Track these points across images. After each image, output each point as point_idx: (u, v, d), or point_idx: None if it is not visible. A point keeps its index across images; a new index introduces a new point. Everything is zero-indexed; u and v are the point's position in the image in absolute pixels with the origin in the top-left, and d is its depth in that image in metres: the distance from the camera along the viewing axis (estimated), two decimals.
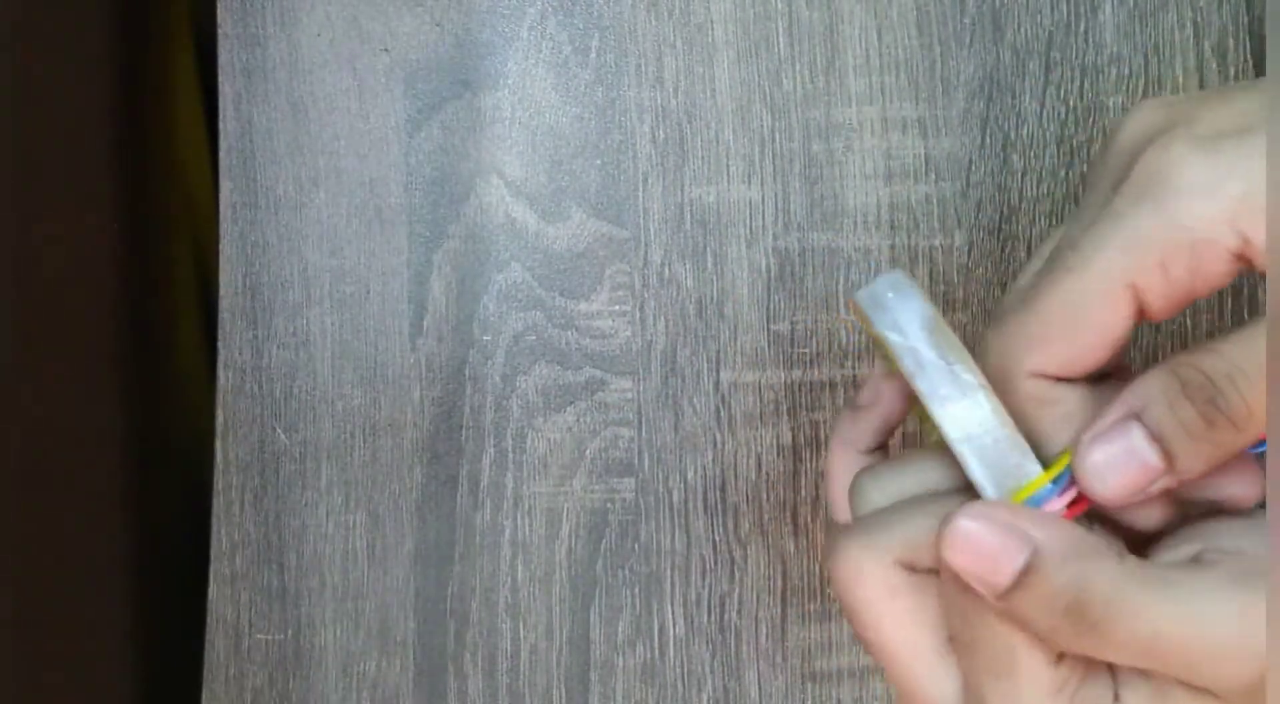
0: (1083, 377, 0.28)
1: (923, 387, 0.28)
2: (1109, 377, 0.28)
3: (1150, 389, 0.26)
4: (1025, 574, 0.25)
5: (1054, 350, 0.27)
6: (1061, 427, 0.27)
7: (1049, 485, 0.27)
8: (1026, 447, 0.27)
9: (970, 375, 0.28)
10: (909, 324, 0.28)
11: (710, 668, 0.45)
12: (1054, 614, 0.25)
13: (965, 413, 0.27)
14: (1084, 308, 0.26)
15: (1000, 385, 0.27)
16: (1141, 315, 0.27)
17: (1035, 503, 0.27)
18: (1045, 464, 0.28)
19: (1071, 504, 0.27)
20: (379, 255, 0.46)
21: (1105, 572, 0.25)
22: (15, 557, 0.40)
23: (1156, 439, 0.26)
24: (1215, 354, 0.26)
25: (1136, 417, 0.26)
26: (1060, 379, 0.27)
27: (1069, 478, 0.27)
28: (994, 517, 0.26)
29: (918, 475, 0.29)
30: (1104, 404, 0.27)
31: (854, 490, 0.30)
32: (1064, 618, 0.25)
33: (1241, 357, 0.25)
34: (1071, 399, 0.27)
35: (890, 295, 0.28)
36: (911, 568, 0.28)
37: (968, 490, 0.28)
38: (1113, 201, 0.26)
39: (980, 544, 0.26)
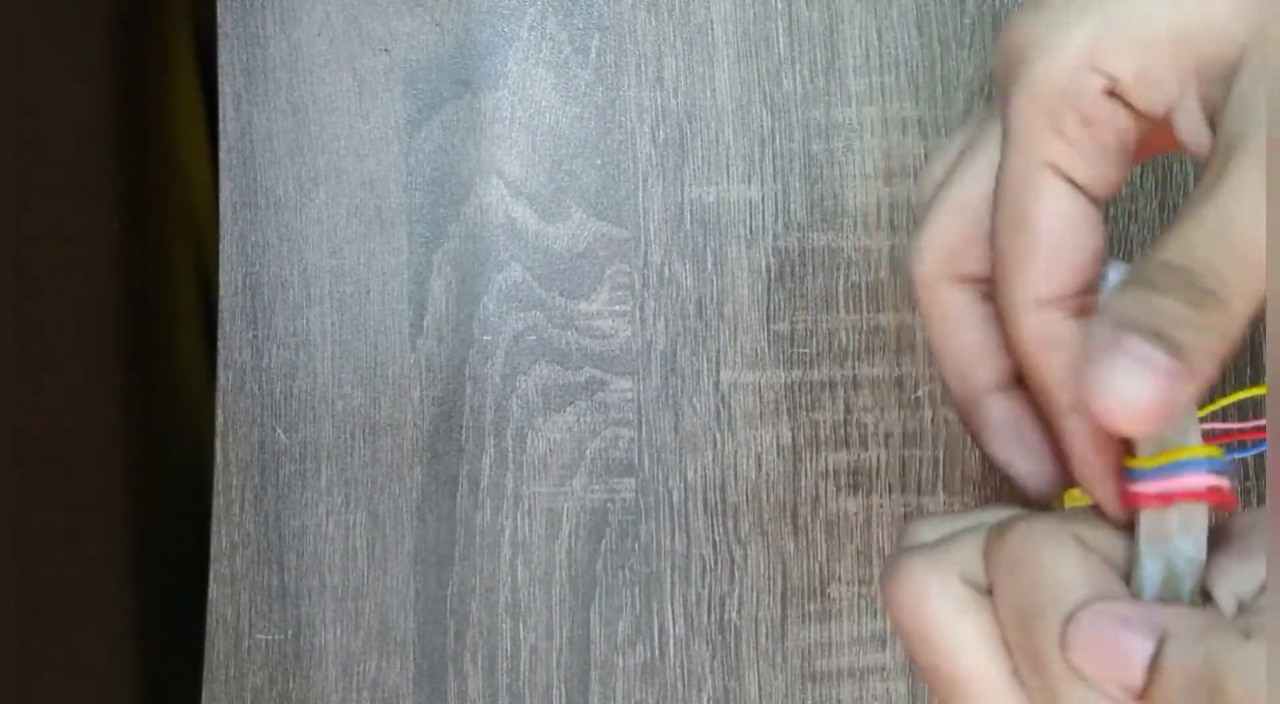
0: (1073, 297, 0.26)
1: None
2: None
3: (1125, 300, 0.24)
4: (1158, 664, 0.24)
5: (1044, 266, 0.26)
6: (1065, 378, 0.26)
7: (1203, 458, 0.25)
8: (1194, 411, 0.26)
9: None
10: None
11: (710, 668, 0.45)
12: (1195, 698, 0.23)
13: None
14: (1026, 200, 0.26)
15: (1026, 326, 0.26)
16: (1089, 196, 0.26)
17: (1183, 468, 0.25)
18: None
19: (1208, 492, 0.25)
20: (379, 255, 0.46)
21: (1236, 647, 0.23)
22: (15, 557, 0.40)
23: (1156, 336, 0.24)
24: (1173, 241, 0.24)
25: (1124, 326, 0.24)
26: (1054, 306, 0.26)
27: (1223, 467, 0.25)
28: (1114, 611, 0.24)
29: (973, 519, 0.28)
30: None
31: (905, 533, 0.29)
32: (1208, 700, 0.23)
33: (1187, 231, 0.24)
34: (1076, 339, 0.26)
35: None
36: (977, 586, 0.26)
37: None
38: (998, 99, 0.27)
39: (1106, 644, 0.24)
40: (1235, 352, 0.25)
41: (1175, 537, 0.25)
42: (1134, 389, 0.23)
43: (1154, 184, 0.45)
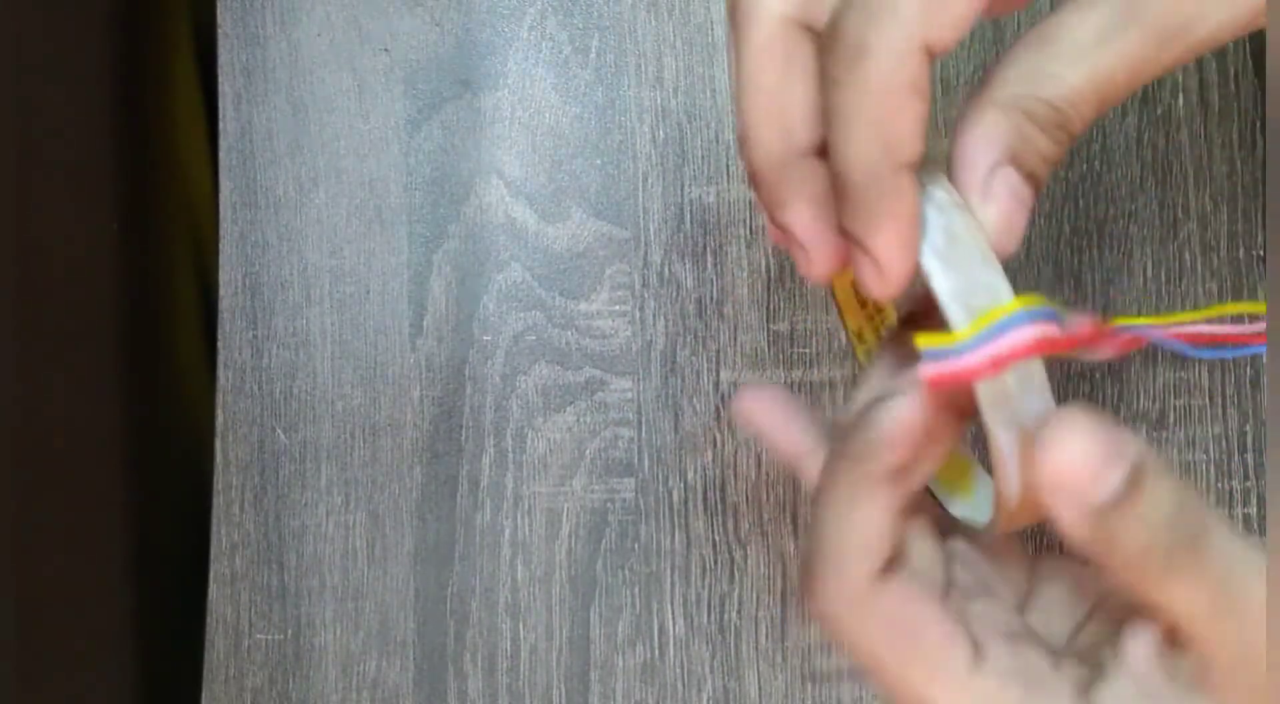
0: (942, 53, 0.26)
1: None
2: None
3: (1007, 132, 0.26)
4: (1129, 487, 0.22)
5: (951, 11, 0.25)
6: (922, 133, 0.25)
7: (1021, 311, 0.24)
8: (999, 269, 0.25)
9: (946, 194, 0.26)
10: None
11: (710, 668, 0.45)
12: (1151, 541, 0.23)
13: (937, 228, 0.25)
14: None
15: (885, 69, 0.25)
16: None
17: (1005, 326, 0.24)
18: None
19: (1042, 340, 0.24)
20: (379, 255, 0.46)
21: (1198, 498, 0.23)
22: (15, 557, 0.40)
23: (1028, 177, 0.26)
24: (1051, 81, 0.25)
25: (1005, 163, 0.26)
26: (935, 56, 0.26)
27: (1046, 316, 0.25)
28: (1093, 424, 0.23)
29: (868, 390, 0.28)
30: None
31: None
32: (1161, 548, 0.23)
33: (1072, 76, 0.25)
34: (927, 89, 0.25)
35: None
36: (884, 573, 0.26)
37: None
38: None
39: (1082, 454, 0.22)
40: None
41: (1017, 400, 0.24)
42: (1015, 221, 0.26)
43: (1154, 184, 0.45)
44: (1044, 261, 0.45)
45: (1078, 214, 0.45)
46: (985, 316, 0.24)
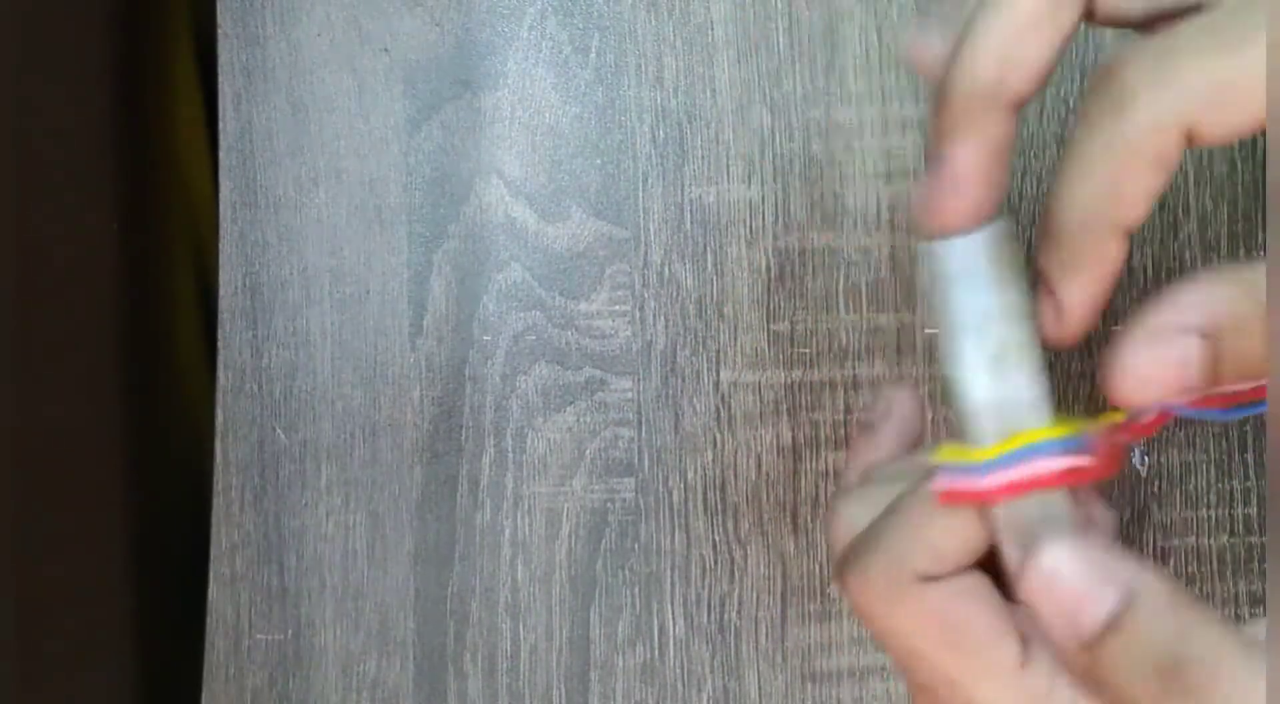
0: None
1: (957, 296, 0.25)
2: None
3: (1219, 303, 0.23)
4: (1120, 621, 0.22)
5: (1234, 110, 0.23)
6: (1149, 202, 0.24)
7: (1052, 440, 0.23)
8: (1045, 390, 0.24)
9: (1018, 294, 0.24)
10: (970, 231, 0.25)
11: (710, 668, 0.45)
12: (1144, 671, 0.22)
13: (991, 333, 0.24)
14: None
15: (1138, 132, 0.23)
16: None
17: (1031, 453, 0.23)
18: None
19: (1067, 471, 0.24)
20: (379, 255, 0.46)
21: (1210, 632, 0.22)
22: (15, 557, 0.40)
23: (1209, 361, 0.23)
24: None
25: (1198, 333, 0.23)
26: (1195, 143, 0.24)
27: (1078, 446, 0.24)
28: (1088, 551, 0.23)
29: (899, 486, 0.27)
30: None
31: (833, 517, 0.27)
32: (1155, 678, 0.22)
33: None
34: (1174, 166, 0.24)
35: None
36: (938, 577, 0.25)
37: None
38: None
39: (1070, 582, 0.22)
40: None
41: (1035, 524, 0.24)
42: (1159, 380, 0.23)
43: None
44: None
45: None
46: (1016, 438, 0.24)
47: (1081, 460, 0.24)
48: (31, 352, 0.41)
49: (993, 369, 0.24)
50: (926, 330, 0.27)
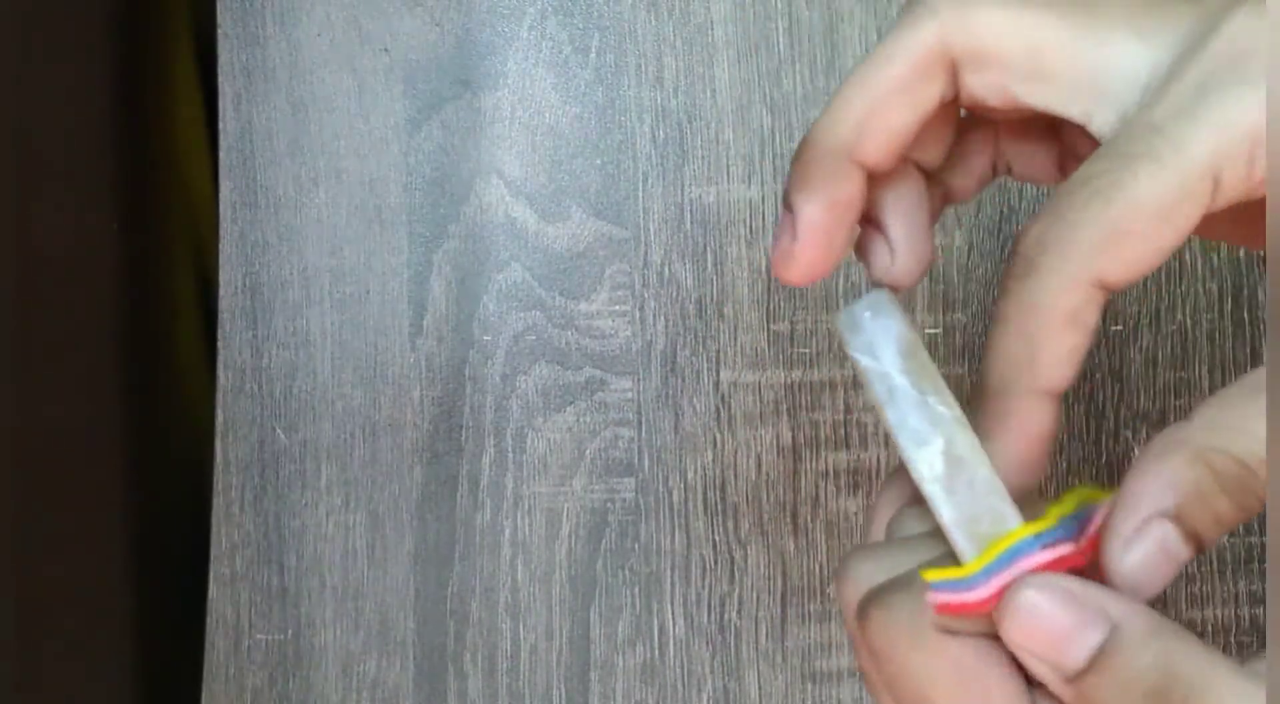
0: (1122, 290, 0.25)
1: (892, 418, 0.25)
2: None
3: (1182, 482, 0.23)
4: (1104, 654, 0.22)
5: (1131, 253, 0.23)
6: (1069, 362, 0.24)
7: (1029, 538, 0.24)
8: (1004, 491, 0.25)
9: (946, 408, 0.25)
10: (883, 348, 0.26)
11: (710, 668, 0.45)
12: (1134, 700, 0.22)
13: (936, 450, 0.25)
14: (1173, 205, 0.23)
15: (1048, 291, 0.24)
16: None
17: (1013, 556, 0.24)
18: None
19: (1052, 562, 0.24)
20: (379, 255, 0.46)
21: (1194, 656, 0.22)
22: (15, 557, 0.40)
23: (1190, 537, 0.23)
24: (1244, 434, 0.23)
25: (1169, 517, 0.23)
26: (1109, 292, 0.24)
27: (1057, 535, 0.24)
28: (1065, 587, 0.23)
29: (916, 553, 0.26)
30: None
31: (843, 574, 0.27)
32: (1150, 701, 0.22)
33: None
34: (1092, 323, 0.24)
35: (867, 316, 0.26)
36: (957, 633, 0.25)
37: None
38: (1199, 63, 0.24)
39: (1050, 620, 0.23)
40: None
41: None
42: (1153, 574, 0.23)
43: None
44: None
45: None
46: (992, 546, 0.24)
47: (1063, 550, 0.24)
48: (31, 352, 0.41)
49: (948, 487, 0.25)
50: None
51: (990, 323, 0.25)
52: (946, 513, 0.25)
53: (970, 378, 0.45)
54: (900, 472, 0.28)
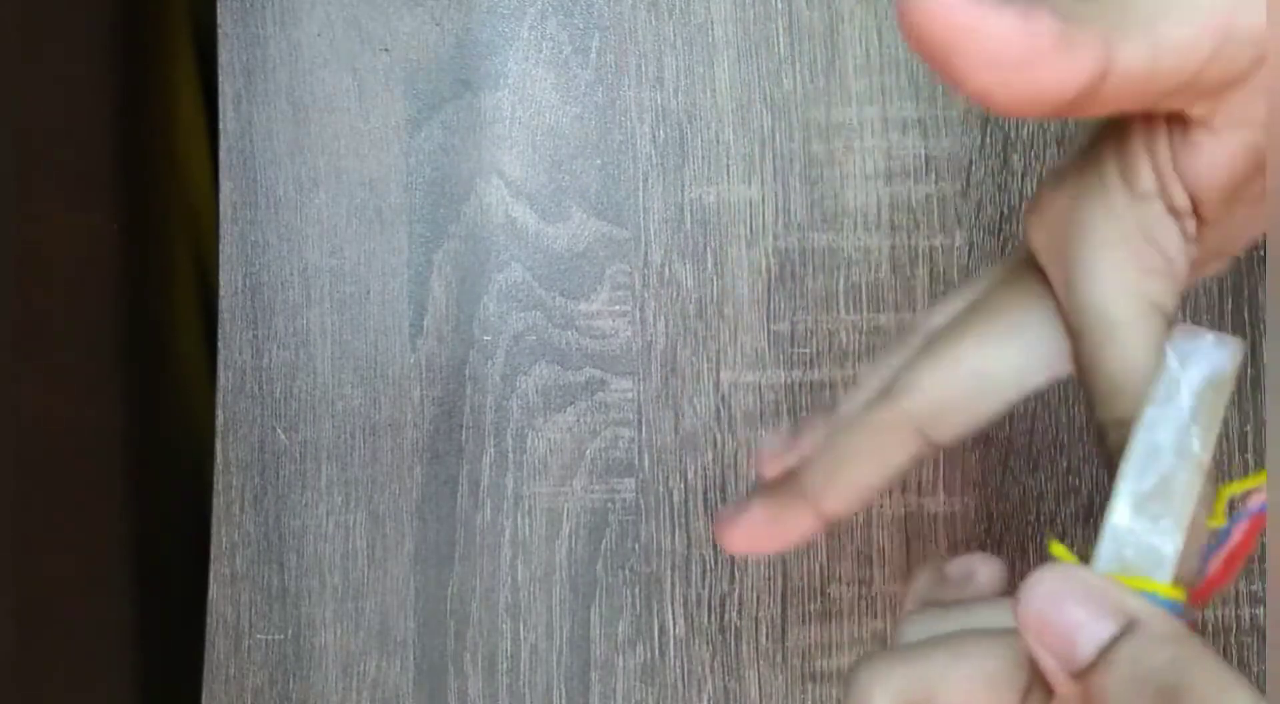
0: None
1: (1148, 416, 0.24)
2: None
3: None
4: (1117, 650, 0.22)
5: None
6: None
7: (1160, 598, 0.23)
8: (1178, 548, 0.24)
9: (1200, 445, 0.24)
10: (1199, 365, 0.25)
11: (710, 668, 0.45)
12: (1142, 700, 0.22)
13: (1156, 472, 0.24)
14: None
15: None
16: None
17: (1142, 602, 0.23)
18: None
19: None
20: (379, 255, 0.46)
21: (1210, 663, 0.22)
22: (15, 557, 0.40)
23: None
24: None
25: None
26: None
27: (1174, 609, 0.23)
28: (1083, 580, 0.23)
29: (966, 618, 0.27)
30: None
31: (897, 636, 0.28)
32: (1153, 700, 0.22)
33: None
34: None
35: (1211, 338, 0.25)
36: None
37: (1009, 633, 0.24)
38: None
39: (1068, 607, 0.23)
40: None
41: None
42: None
43: None
44: None
45: None
46: (1123, 579, 0.23)
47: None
48: (32, 352, 0.41)
49: (1141, 505, 0.24)
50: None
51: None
52: (1118, 519, 0.24)
53: None
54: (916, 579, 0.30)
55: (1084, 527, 0.45)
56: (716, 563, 0.45)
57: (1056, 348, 0.28)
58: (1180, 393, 0.24)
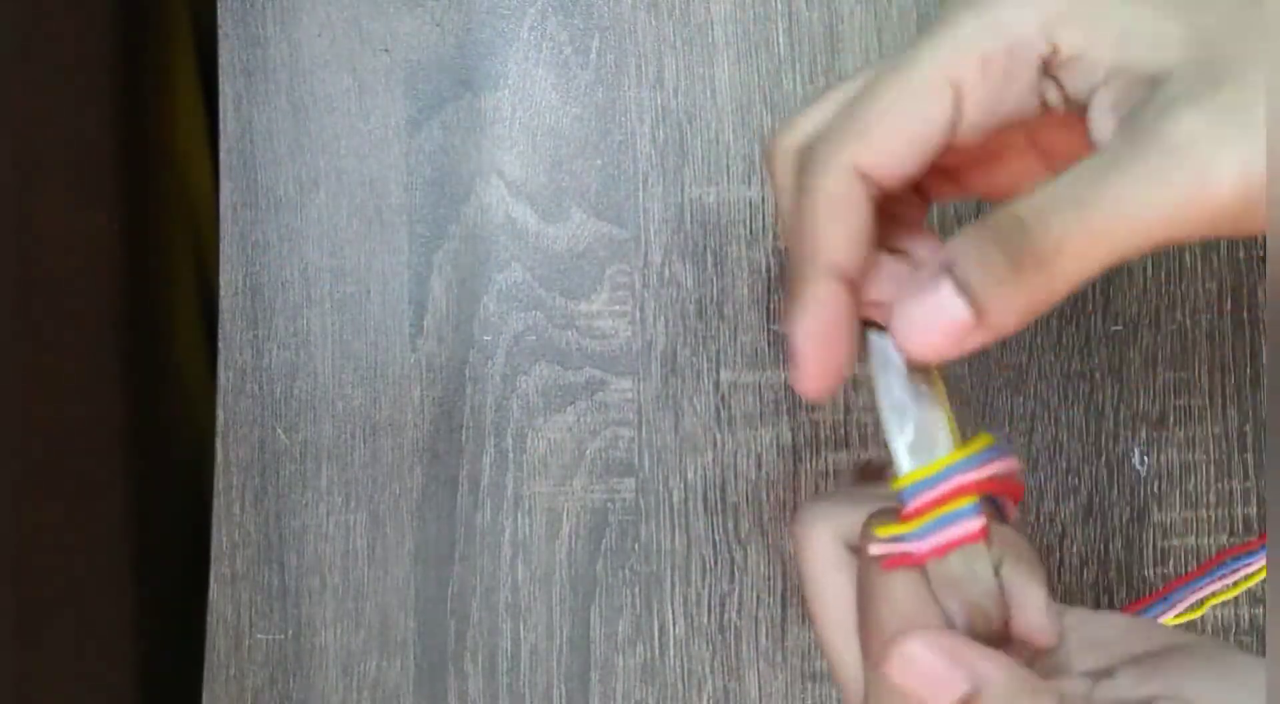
0: (895, 184, 0.28)
1: (876, 358, 0.29)
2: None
3: (962, 239, 0.25)
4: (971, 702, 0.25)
5: (877, 142, 0.27)
6: (847, 240, 0.27)
7: (959, 461, 0.28)
8: (948, 427, 0.28)
9: (924, 380, 0.29)
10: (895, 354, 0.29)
11: (710, 668, 0.45)
12: None
13: (899, 381, 0.29)
14: (910, 100, 0.27)
15: (819, 183, 0.28)
16: (955, 126, 0.27)
17: (951, 519, 0.28)
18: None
19: (979, 482, 0.28)
20: (379, 255, 0.46)
21: None
22: (16, 557, 0.40)
23: (963, 288, 0.25)
24: (1026, 196, 0.25)
25: (948, 269, 0.25)
26: (876, 186, 0.28)
27: (980, 460, 0.28)
28: (941, 644, 0.26)
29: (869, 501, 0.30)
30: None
31: (801, 518, 0.31)
32: None
33: (1051, 191, 0.25)
34: (865, 217, 0.27)
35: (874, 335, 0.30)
36: (853, 549, 0.29)
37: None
38: (940, 14, 0.28)
39: (926, 669, 0.26)
40: (1049, 314, 0.26)
41: (964, 581, 0.28)
42: (930, 331, 0.25)
43: None
44: None
45: None
46: (930, 466, 0.28)
47: (980, 520, 0.28)
48: (32, 351, 0.41)
49: (914, 449, 0.29)
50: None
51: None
52: (897, 435, 0.29)
53: (969, 377, 0.45)
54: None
55: (1084, 526, 0.45)
56: (716, 563, 0.45)
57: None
58: (890, 357, 0.29)
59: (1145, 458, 0.45)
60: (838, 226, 0.27)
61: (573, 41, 0.46)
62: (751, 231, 0.45)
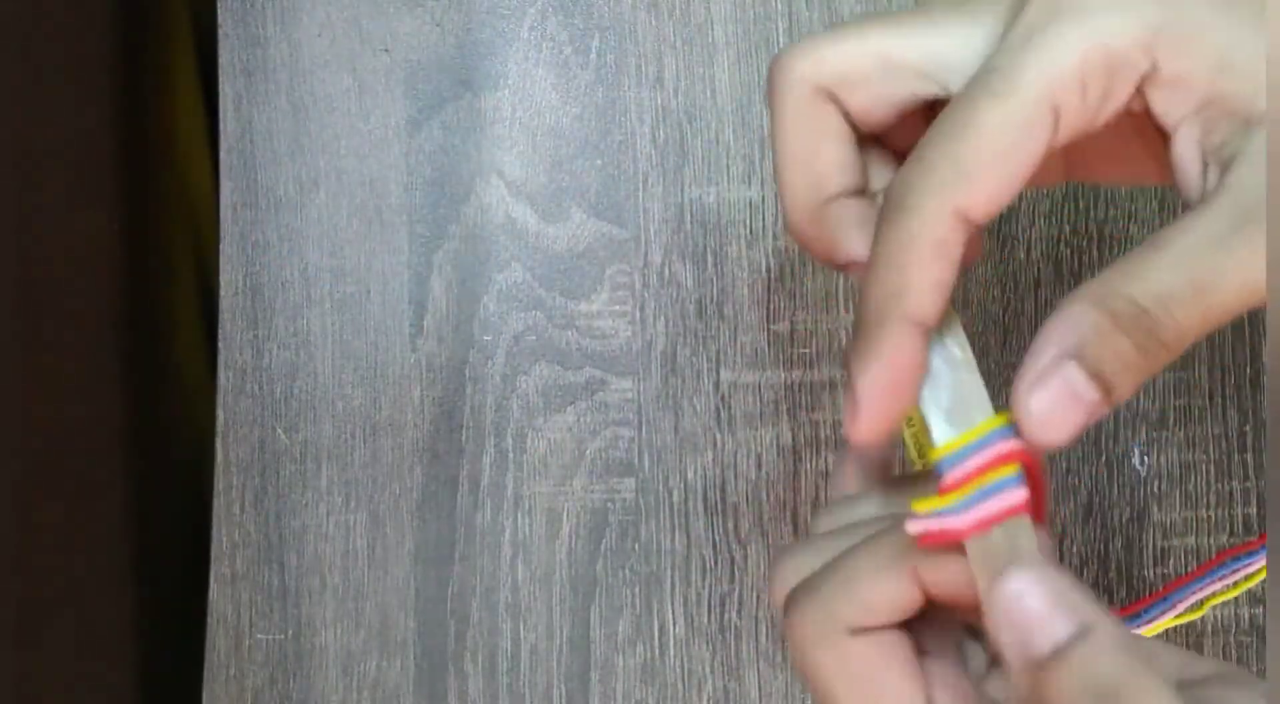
0: (988, 220, 0.27)
1: None
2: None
3: (1082, 325, 0.25)
4: (1071, 648, 0.23)
5: (985, 183, 0.26)
6: (934, 288, 0.26)
7: (1001, 428, 0.26)
8: (985, 392, 0.27)
9: (955, 345, 0.27)
10: None
11: (710, 668, 0.45)
12: (1084, 701, 0.23)
13: (942, 373, 0.27)
14: (1015, 134, 0.25)
15: (913, 226, 0.26)
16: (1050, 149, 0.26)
17: (993, 490, 0.26)
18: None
19: (1020, 450, 0.26)
20: (379, 255, 0.46)
21: (1153, 679, 0.23)
22: (15, 557, 0.40)
23: (1095, 376, 0.25)
24: (1142, 280, 0.25)
25: (1071, 356, 0.25)
26: (975, 226, 0.26)
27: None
28: (1052, 581, 0.24)
29: (834, 547, 0.28)
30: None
31: (772, 574, 0.29)
32: (1097, 700, 0.23)
33: (1169, 278, 0.25)
34: (956, 262, 0.26)
35: None
36: (865, 630, 0.27)
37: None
38: (1023, 18, 0.26)
39: (1030, 605, 0.24)
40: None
41: (1005, 554, 0.26)
42: (1066, 420, 0.25)
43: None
44: (1044, 261, 0.45)
45: (1078, 214, 0.45)
46: (965, 435, 0.26)
47: (1025, 490, 0.26)
48: (32, 351, 0.41)
49: (950, 413, 0.27)
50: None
51: (868, 265, 0.27)
52: (941, 439, 0.27)
53: None
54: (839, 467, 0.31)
55: (1084, 526, 0.45)
56: (716, 563, 0.45)
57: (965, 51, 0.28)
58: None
59: (1145, 458, 0.45)
60: (928, 274, 0.26)
61: (573, 41, 0.46)
62: (751, 231, 0.45)
